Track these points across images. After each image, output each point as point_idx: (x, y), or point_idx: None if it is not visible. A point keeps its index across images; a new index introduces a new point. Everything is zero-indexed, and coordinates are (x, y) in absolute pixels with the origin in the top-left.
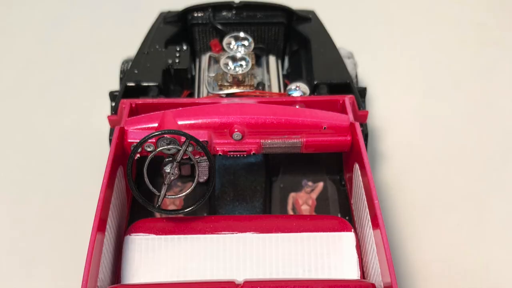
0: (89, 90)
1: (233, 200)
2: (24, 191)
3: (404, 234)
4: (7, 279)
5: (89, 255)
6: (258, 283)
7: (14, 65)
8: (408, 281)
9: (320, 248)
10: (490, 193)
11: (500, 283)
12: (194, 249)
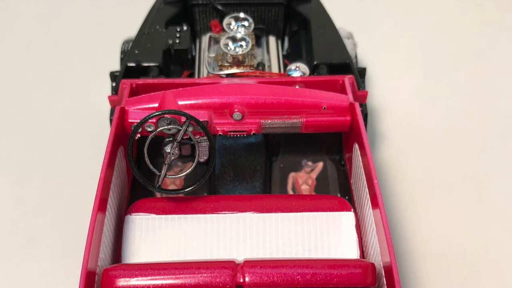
0: (89, 70)
1: (233, 180)
2: (25, 171)
3: (403, 214)
4: (8, 258)
5: (89, 235)
6: (258, 263)
7: (15, 46)
8: (408, 261)
9: (320, 227)
10: (489, 173)
11: (499, 262)
12: (194, 228)
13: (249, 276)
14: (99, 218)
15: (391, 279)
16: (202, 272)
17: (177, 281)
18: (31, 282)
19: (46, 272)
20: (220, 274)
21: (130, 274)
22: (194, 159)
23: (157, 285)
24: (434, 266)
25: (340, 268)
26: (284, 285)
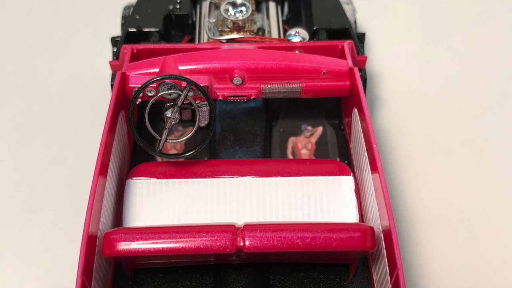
0: (91, 35)
1: (233, 145)
2: (26, 135)
3: (402, 178)
4: (10, 222)
5: (91, 199)
6: (258, 226)
7: (16, 11)
8: (406, 224)
9: (320, 191)
10: (487, 137)
11: (497, 225)
12: (194, 192)
13: (249, 239)
14: (100, 182)
15: (390, 243)
16: (202, 235)
17: (177, 245)
18: (32, 245)
19: (47, 236)
20: (220, 238)
21: (131, 238)
22: (195, 123)
23: (158, 249)
24: (432, 230)
25: (340, 232)
26: (284, 248)
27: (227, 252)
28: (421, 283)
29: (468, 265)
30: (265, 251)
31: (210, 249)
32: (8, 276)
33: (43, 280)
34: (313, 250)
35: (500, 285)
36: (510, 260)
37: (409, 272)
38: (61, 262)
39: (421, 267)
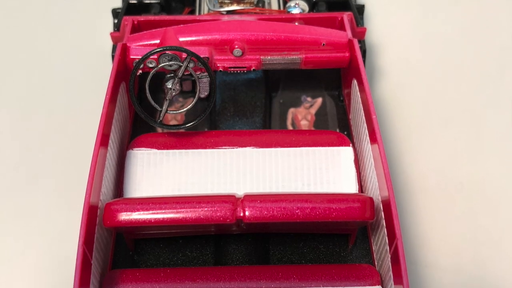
0: (92, 7)
1: (233, 116)
2: (28, 107)
3: (401, 148)
4: (12, 193)
5: (92, 169)
6: (257, 197)
7: None
8: (406, 194)
9: (319, 162)
10: (486, 107)
11: (496, 195)
12: (195, 163)
13: (249, 210)
14: (101, 153)
15: (389, 213)
16: (202, 206)
17: (178, 215)
18: (34, 215)
19: (48, 206)
20: (221, 208)
21: (132, 208)
22: (195, 94)
23: (158, 219)
24: (431, 200)
25: (339, 202)
26: (284, 219)
27: (227, 222)
28: (420, 253)
29: (467, 235)
30: (265, 221)
31: (210, 219)
32: (10, 245)
33: (44, 250)
34: (312, 220)
35: (499, 255)
36: (509, 230)
37: (408, 242)
38: (62, 232)
39: (420, 237)
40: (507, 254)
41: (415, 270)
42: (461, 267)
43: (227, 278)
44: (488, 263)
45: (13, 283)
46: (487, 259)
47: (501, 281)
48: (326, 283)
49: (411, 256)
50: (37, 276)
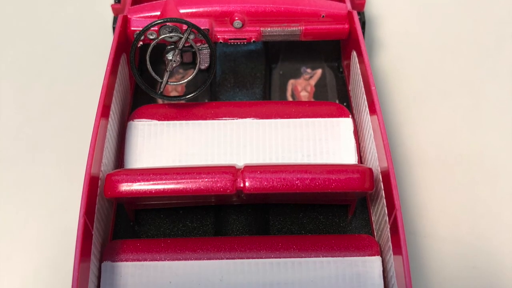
0: None
1: (233, 87)
2: (29, 78)
3: (400, 120)
4: (13, 163)
5: (93, 140)
6: (257, 168)
7: None
8: (405, 166)
9: (319, 133)
10: (485, 80)
11: (495, 167)
12: (195, 134)
13: (249, 181)
14: (102, 124)
15: (388, 184)
16: (203, 177)
17: (178, 186)
18: (35, 186)
19: (49, 177)
20: (221, 179)
21: (133, 179)
22: (195, 66)
23: (159, 190)
24: (430, 172)
25: (339, 173)
26: (283, 189)
27: (227, 193)
28: (419, 224)
29: (466, 206)
30: (265, 192)
31: (210, 190)
32: (11, 217)
33: (45, 221)
34: (312, 191)
35: (497, 227)
36: (508, 202)
37: (407, 213)
38: (63, 203)
39: (419, 208)
40: (505, 226)
41: (414, 240)
42: (460, 238)
43: (227, 248)
44: (486, 234)
45: (14, 254)
46: (486, 230)
47: (500, 252)
48: (326, 253)
49: (410, 227)
50: (38, 247)
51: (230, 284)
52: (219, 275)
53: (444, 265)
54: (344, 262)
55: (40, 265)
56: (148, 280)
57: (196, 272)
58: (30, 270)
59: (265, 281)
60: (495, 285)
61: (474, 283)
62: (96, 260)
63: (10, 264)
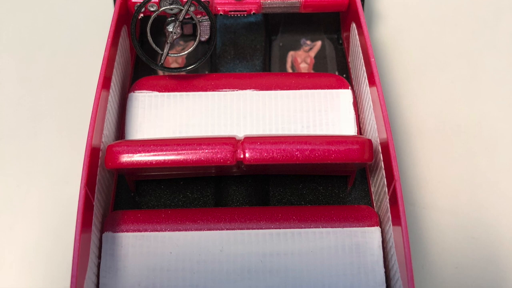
0: None
1: (233, 59)
2: (31, 49)
3: (399, 91)
4: (15, 134)
5: (94, 112)
6: (258, 139)
7: None
8: (403, 137)
9: (318, 104)
10: (483, 51)
11: (492, 138)
12: (195, 105)
13: (249, 152)
14: (103, 95)
15: (387, 155)
16: (203, 148)
17: (179, 157)
18: (36, 158)
19: (51, 148)
20: (221, 150)
21: (133, 150)
22: (196, 38)
23: (159, 161)
24: (429, 142)
25: (338, 144)
26: (283, 160)
27: (227, 164)
28: (418, 194)
29: (464, 176)
30: (265, 163)
31: (211, 161)
32: (13, 188)
33: (46, 192)
34: (312, 162)
35: (495, 196)
36: (505, 172)
37: (406, 184)
38: (64, 174)
39: (418, 179)
40: (504, 196)
41: (413, 211)
42: (458, 209)
43: (227, 219)
44: (485, 205)
45: (16, 224)
46: (485, 201)
47: (498, 223)
48: (325, 223)
49: (409, 198)
50: (39, 218)
51: (230, 255)
52: (219, 245)
53: (443, 235)
54: (344, 233)
55: (41, 235)
56: (148, 250)
57: (196, 243)
58: (32, 240)
59: (265, 252)
60: (493, 255)
61: (473, 254)
62: (97, 230)
63: (12, 235)
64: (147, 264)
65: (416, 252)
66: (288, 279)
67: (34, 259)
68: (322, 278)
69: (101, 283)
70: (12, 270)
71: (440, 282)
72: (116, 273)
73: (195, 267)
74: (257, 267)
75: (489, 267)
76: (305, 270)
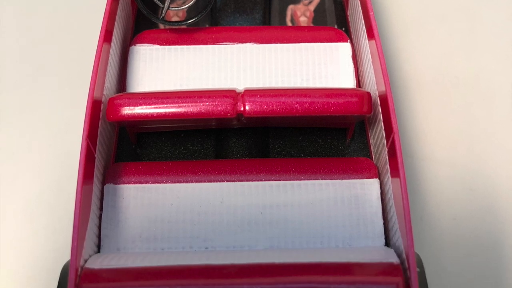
0: None
1: (234, 12)
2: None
3: (398, 44)
4: (17, 87)
5: (95, 65)
6: (258, 92)
7: None
8: (402, 89)
9: (318, 58)
10: (480, 3)
11: (490, 90)
12: (196, 58)
13: (249, 104)
14: (105, 48)
15: (386, 107)
16: (204, 100)
17: (179, 109)
18: (39, 110)
19: (53, 101)
20: (221, 103)
21: (135, 103)
22: None
23: (160, 113)
24: (428, 94)
25: (337, 97)
26: (283, 113)
27: (227, 117)
28: (416, 146)
29: (462, 128)
30: (265, 116)
31: (211, 114)
32: (15, 140)
33: (49, 143)
34: (311, 114)
35: (493, 148)
36: (503, 123)
37: (404, 136)
38: (66, 127)
39: (416, 131)
40: (501, 148)
41: (412, 163)
42: (456, 160)
43: (228, 171)
44: (482, 156)
45: (19, 176)
46: (482, 152)
47: (496, 174)
48: (324, 175)
49: (408, 150)
50: (41, 170)
51: (230, 206)
52: (220, 197)
53: (441, 187)
54: (343, 185)
55: (43, 187)
56: (149, 202)
57: (196, 194)
58: (34, 192)
59: (265, 203)
60: (491, 206)
61: (471, 205)
62: (98, 182)
63: (14, 186)
64: (148, 215)
65: (415, 203)
66: (288, 230)
67: (36, 210)
68: (321, 230)
69: (102, 234)
70: (14, 221)
71: (438, 233)
72: (117, 224)
73: (195, 219)
74: (257, 219)
75: (487, 218)
76: (304, 221)
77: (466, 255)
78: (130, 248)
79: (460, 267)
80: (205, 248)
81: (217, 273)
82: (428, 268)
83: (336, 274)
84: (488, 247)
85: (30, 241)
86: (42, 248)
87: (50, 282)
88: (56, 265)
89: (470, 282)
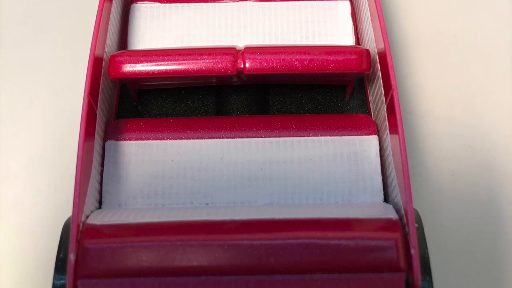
0: None
1: None
2: None
3: (397, 2)
4: (18, 45)
5: (97, 22)
6: (257, 49)
7: None
8: (401, 47)
9: (317, 15)
10: None
11: (488, 47)
12: (197, 16)
13: (249, 61)
14: (106, 6)
15: (385, 65)
16: (204, 58)
17: (180, 67)
18: (40, 68)
19: (55, 58)
20: (222, 60)
21: (136, 60)
22: None
23: (161, 70)
24: (426, 52)
25: (337, 54)
26: (283, 70)
27: (228, 74)
28: (415, 103)
29: (460, 85)
30: (265, 73)
31: (211, 71)
32: (17, 97)
33: (50, 101)
34: (311, 71)
35: (491, 105)
36: (500, 81)
37: (403, 93)
38: (68, 84)
39: (415, 88)
40: (499, 105)
41: (410, 119)
42: (454, 117)
43: (228, 128)
44: (480, 113)
45: (21, 133)
46: (480, 109)
47: (494, 131)
48: (324, 132)
49: (406, 106)
50: (43, 126)
51: (231, 162)
52: (220, 153)
53: (440, 144)
54: (342, 141)
55: (45, 143)
56: (150, 158)
57: (197, 151)
58: (36, 148)
59: (265, 160)
60: (489, 163)
61: (469, 161)
62: (100, 139)
63: (16, 143)
64: (149, 171)
65: (413, 159)
66: (288, 186)
67: (38, 167)
68: (321, 186)
69: (104, 190)
70: (16, 178)
71: (436, 189)
72: (118, 180)
73: (196, 175)
74: (257, 175)
75: (485, 175)
76: (304, 177)
77: (464, 211)
78: (131, 204)
79: (458, 223)
80: (206, 204)
81: (217, 229)
82: (426, 224)
83: (335, 229)
84: (486, 203)
85: (32, 197)
86: (44, 205)
87: (52, 237)
88: (58, 221)
89: (468, 237)
